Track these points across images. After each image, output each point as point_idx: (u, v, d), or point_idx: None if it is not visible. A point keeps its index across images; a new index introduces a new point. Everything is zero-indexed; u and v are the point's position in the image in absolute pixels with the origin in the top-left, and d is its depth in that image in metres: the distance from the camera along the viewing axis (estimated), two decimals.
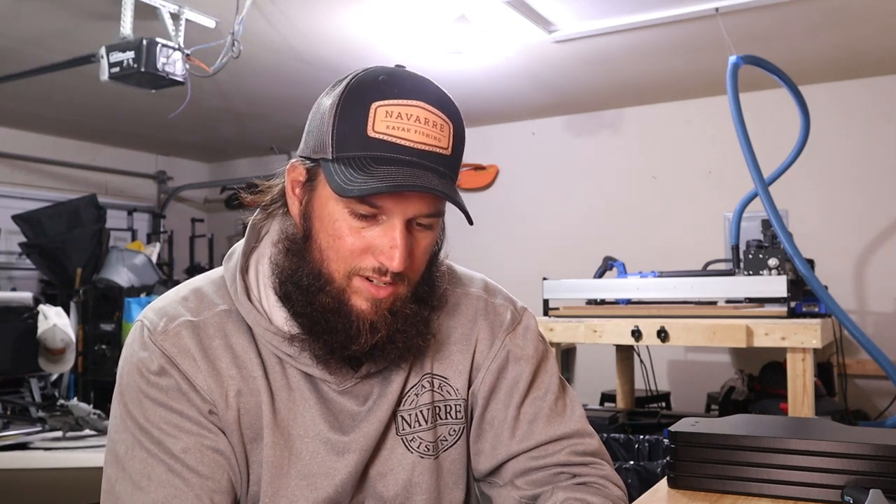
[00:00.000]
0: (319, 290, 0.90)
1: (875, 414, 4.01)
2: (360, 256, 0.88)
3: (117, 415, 0.94)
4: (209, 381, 0.92)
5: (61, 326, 4.26)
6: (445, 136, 0.87)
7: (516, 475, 1.01)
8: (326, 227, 0.89)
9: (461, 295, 1.06)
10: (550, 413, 1.02)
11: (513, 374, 1.03)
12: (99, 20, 3.27)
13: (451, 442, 1.02)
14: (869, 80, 4.24)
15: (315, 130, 0.90)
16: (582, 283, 3.01)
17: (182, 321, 0.95)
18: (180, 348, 0.93)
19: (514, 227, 5.18)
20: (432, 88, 0.90)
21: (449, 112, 0.89)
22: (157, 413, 0.91)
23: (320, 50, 3.72)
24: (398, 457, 0.98)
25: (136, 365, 0.94)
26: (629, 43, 3.65)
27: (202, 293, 0.99)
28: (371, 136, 0.84)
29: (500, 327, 1.05)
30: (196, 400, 0.92)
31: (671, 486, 1.10)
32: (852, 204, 4.25)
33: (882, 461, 0.97)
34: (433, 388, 1.01)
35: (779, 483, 1.03)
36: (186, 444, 0.90)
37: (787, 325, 2.47)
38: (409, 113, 0.85)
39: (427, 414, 1.00)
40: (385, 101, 0.85)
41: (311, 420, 0.95)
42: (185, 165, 6.66)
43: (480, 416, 1.03)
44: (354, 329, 0.89)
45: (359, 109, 0.85)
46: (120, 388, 0.95)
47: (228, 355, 0.94)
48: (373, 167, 0.83)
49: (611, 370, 3.64)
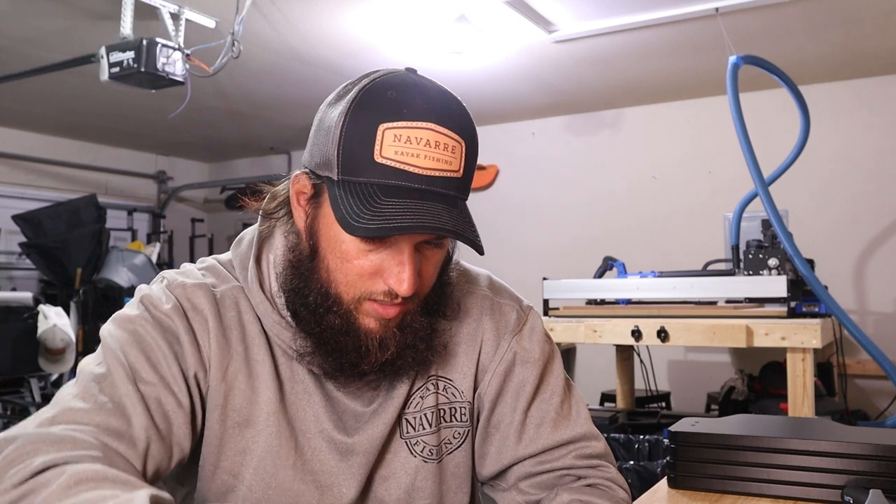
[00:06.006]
0: (327, 310, 0.88)
1: (875, 414, 4.01)
2: (369, 280, 0.86)
3: (99, 347, 0.90)
4: (214, 346, 0.90)
5: (61, 326, 4.27)
6: (457, 157, 0.84)
7: (521, 478, 1.01)
8: (333, 248, 0.87)
9: (466, 293, 1.04)
10: (557, 416, 1.01)
11: (519, 377, 1.01)
12: (99, 20, 3.27)
13: (455, 445, 1.01)
14: (869, 80, 4.24)
15: (320, 144, 0.86)
16: (582, 283, 3.01)
17: (202, 283, 0.94)
18: (195, 305, 0.91)
19: (514, 227, 5.18)
20: (445, 102, 0.85)
21: (461, 129, 0.85)
22: (144, 344, 0.87)
23: (320, 50, 3.72)
24: (401, 460, 0.97)
25: (144, 298, 0.91)
26: (629, 43, 3.65)
27: (216, 269, 0.98)
28: (379, 161, 0.81)
29: (506, 328, 1.03)
30: (189, 357, 0.89)
31: (671, 486, 1.10)
32: (852, 204, 4.24)
33: (882, 461, 0.97)
34: (438, 390, 0.99)
35: (779, 483, 1.03)
36: (154, 386, 0.85)
37: (787, 325, 2.47)
38: (419, 136, 0.81)
39: (431, 417, 0.98)
40: (394, 123, 0.81)
41: (315, 416, 0.93)
42: (185, 165, 6.67)
43: (486, 419, 1.02)
44: (364, 348, 0.88)
45: (366, 130, 0.81)
46: (115, 316, 0.91)
47: (239, 330, 0.93)
48: (380, 201, 0.80)
49: (611, 370, 3.63)
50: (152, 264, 5.24)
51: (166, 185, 6.47)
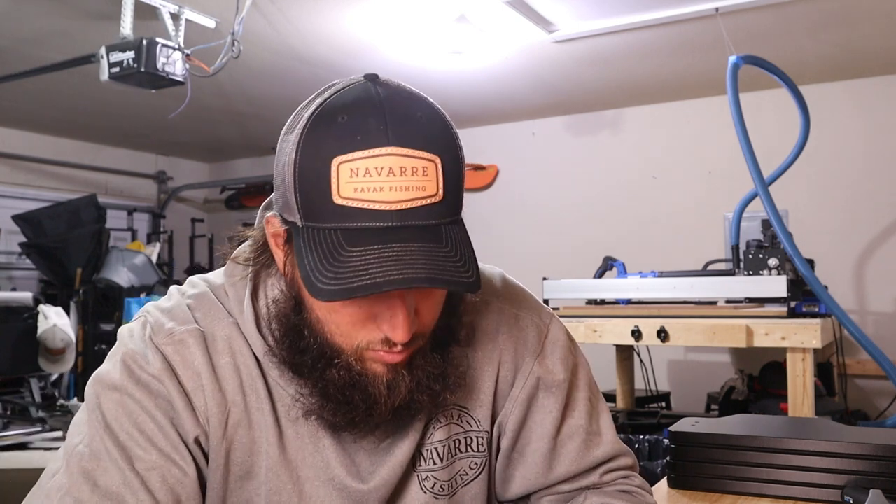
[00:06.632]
0: (328, 364, 0.80)
1: (875, 414, 4.01)
2: (363, 328, 0.78)
3: (85, 411, 0.82)
4: (210, 403, 0.82)
5: (61, 326, 4.27)
6: (431, 178, 0.72)
7: (546, 495, 0.96)
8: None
9: (480, 307, 0.93)
10: (586, 437, 0.94)
11: (544, 404, 0.93)
12: (99, 20, 3.27)
13: (471, 476, 0.93)
14: (869, 80, 4.24)
15: (280, 185, 0.77)
16: (582, 283, 3.01)
17: (191, 328, 0.84)
18: (185, 358, 0.82)
19: (513, 227, 5.18)
20: (405, 114, 0.73)
21: (430, 143, 0.72)
22: (135, 416, 0.79)
23: (320, 50, 3.72)
24: (412, 495, 0.89)
25: (127, 356, 0.83)
26: (629, 43, 3.65)
27: (208, 300, 0.87)
28: (338, 203, 0.70)
29: (526, 348, 0.94)
30: (186, 422, 0.81)
31: (671, 487, 1.10)
32: (852, 204, 4.24)
33: (882, 461, 0.97)
34: (452, 420, 0.91)
35: (779, 483, 1.03)
36: (154, 463, 0.78)
37: (787, 325, 2.47)
38: (380, 166, 0.70)
39: (443, 451, 0.90)
40: (348, 155, 0.70)
41: (323, 462, 0.85)
42: (185, 165, 6.66)
43: (510, 447, 0.94)
44: (373, 398, 0.79)
45: (320, 167, 0.71)
46: (97, 378, 0.83)
47: (235, 378, 0.83)
48: (344, 253, 0.70)
49: (611, 370, 3.63)
50: (152, 264, 5.24)
51: (166, 185, 6.47)
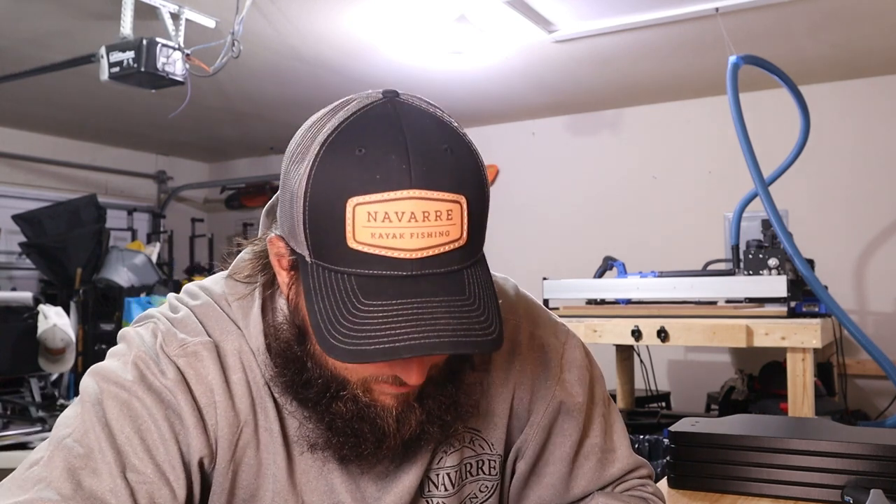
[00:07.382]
0: (334, 397, 0.74)
1: (875, 414, 4.01)
2: (375, 367, 0.72)
3: (79, 404, 0.75)
4: (222, 422, 0.76)
5: (61, 326, 4.27)
6: (456, 222, 0.66)
7: None
8: None
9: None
10: (602, 455, 0.92)
11: (564, 427, 0.91)
12: (99, 20, 3.27)
13: (481, 499, 0.90)
14: (869, 80, 4.24)
15: (287, 213, 0.70)
16: (582, 283, 3.01)
17: (204, 340, 0.78)
18: (198, 372, 0.76)
19: (513, 227, 5.18)
20: (429, 148, 0.66)
21: (457, 182, 0.66)
22: (139, 422, 0.73)
23: (320, 50, 3.72)
24: None
25: (140, 359, 0.76)
26: (629, 43, 3.65)
27: (212, 311, 0.82)
28: (353, 247, 0.64)
29: (545, 372, 0.90)
30: (194, 440, 0.75)
31: (671, 487, 1.10)
32: (852, 204, 4.24)
33: (882, 461, 0.97)
34: (464, 443, 0.87)
35: (779, 483, 1.03)
36: (147, 478, 0.71)
37: (787, 325, 2.47)
38: (400, 211, 0.63)
39: (454, 477, 0.86)
40: (365, 196, 0.63)
41: (329, 487, 0.80)
42: (185, 165, 6.67)
43: (528, 469, 0.92)
44: (381, 432, 0.75)
45: (334, 206, 0.64)
46: (101, 373, 0.76)
47: (248, 396, 0.78)
48: (359, 305, 0.64)
49: (611, 370, 3.63)
50: (152, 264, 5.24)
51: (166, 184, 6.47)
